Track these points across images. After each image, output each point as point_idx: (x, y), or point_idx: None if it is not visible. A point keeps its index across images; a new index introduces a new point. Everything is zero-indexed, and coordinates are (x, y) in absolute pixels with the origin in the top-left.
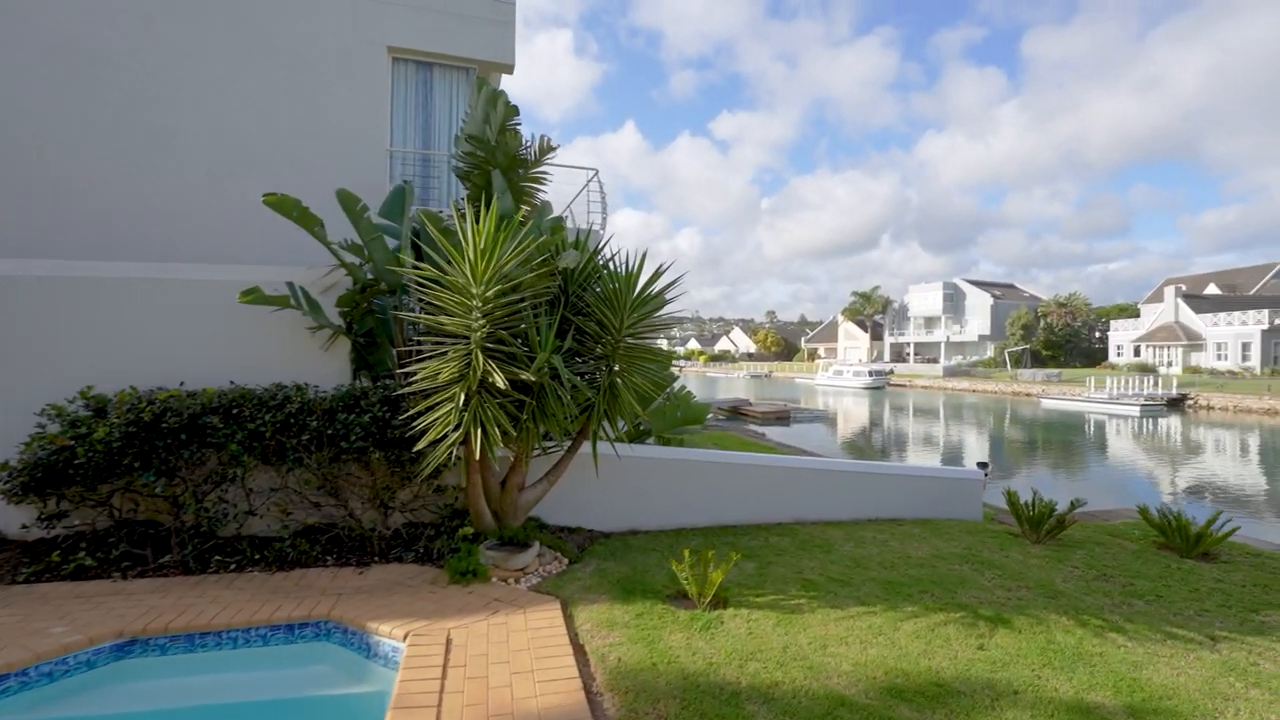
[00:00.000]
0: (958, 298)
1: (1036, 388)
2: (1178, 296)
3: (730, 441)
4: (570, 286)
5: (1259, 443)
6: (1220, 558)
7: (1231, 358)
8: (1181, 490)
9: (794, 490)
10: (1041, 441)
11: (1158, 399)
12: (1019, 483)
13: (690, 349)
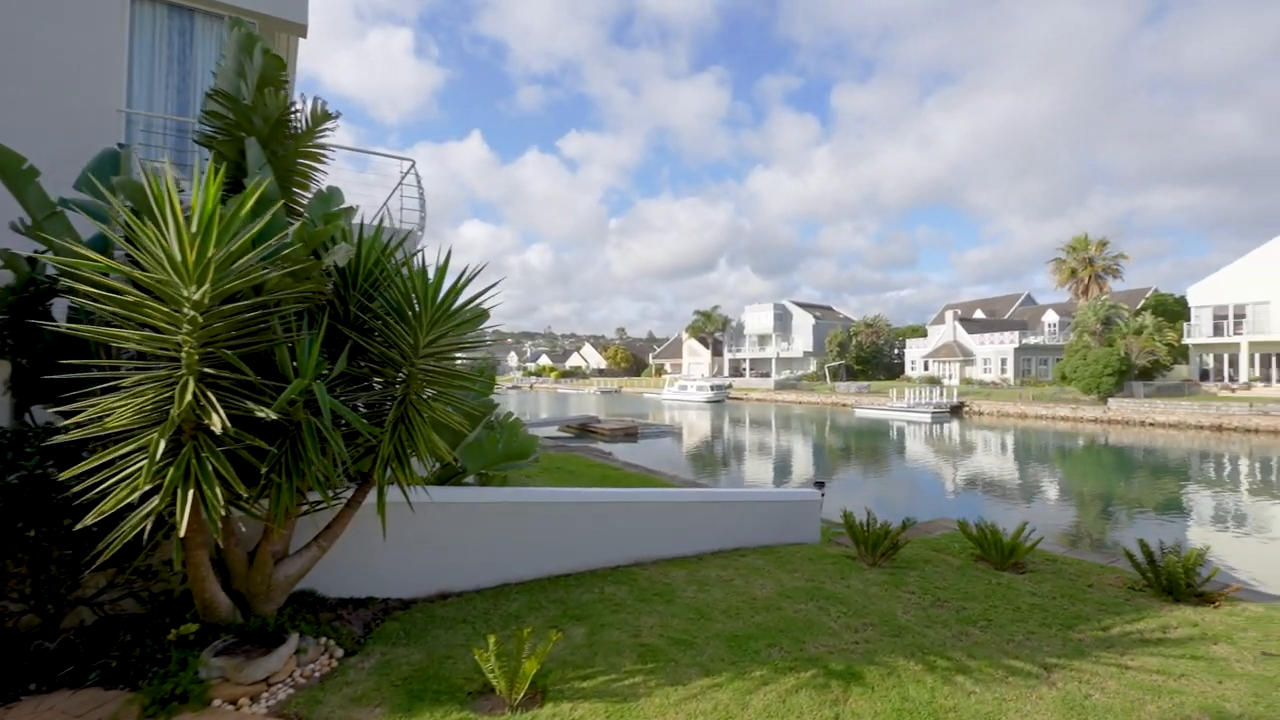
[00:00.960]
0: (786, 317)
1: (851, 398)
2: (955, 319)
3: (576, 464)
4: (350, 293)
5: (1014, 441)
6: (1028, 567)
7: (994, 371)
8: (971, 486)
9: (633, 527)
10: (861, 448)
11: (943, 406)
12: (847, 489)
13: (542, 365)
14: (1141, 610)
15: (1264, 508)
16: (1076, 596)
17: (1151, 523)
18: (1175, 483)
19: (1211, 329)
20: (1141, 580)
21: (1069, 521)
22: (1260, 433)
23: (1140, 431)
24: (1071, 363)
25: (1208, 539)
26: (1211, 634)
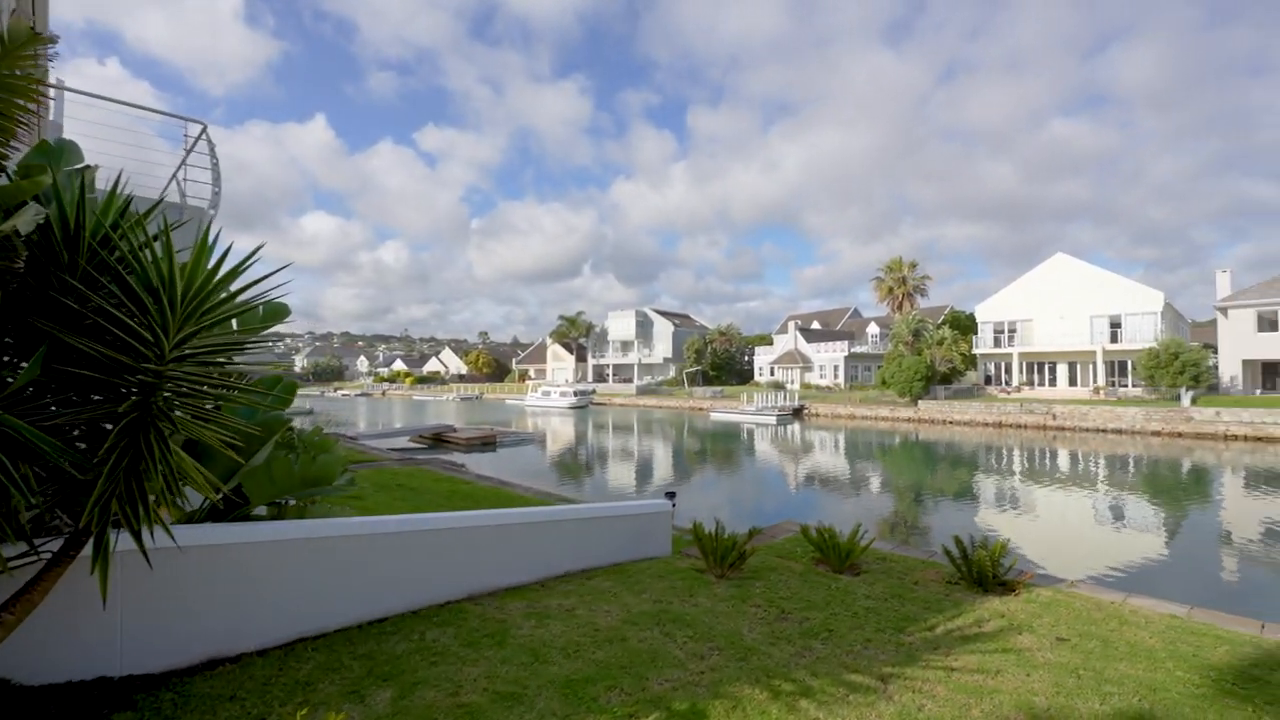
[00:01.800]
0: (647, 324)
1: (707, 403)
2: (796, 330)
3: (421, 480)
4: (55, 272)
5: (845, 440)
6: (863, 568)
7: (829, 376)
8: (812, 484)
9: (468, 554)
10: (716, 451)
11: (787, 410)
12: (702, 493)
13: (397, 370)
14: (959, 605)
15: (1036, 492)
16: (905, 595)
17: (956, 511)
18: (970, 474)
19: (993, 341)
20: (957, 574)
21: (895, 515)
22: (1027, 428)
23: (943, 429)
24: (889, 369)
25: (1000, 523)
26: (1016, 624)
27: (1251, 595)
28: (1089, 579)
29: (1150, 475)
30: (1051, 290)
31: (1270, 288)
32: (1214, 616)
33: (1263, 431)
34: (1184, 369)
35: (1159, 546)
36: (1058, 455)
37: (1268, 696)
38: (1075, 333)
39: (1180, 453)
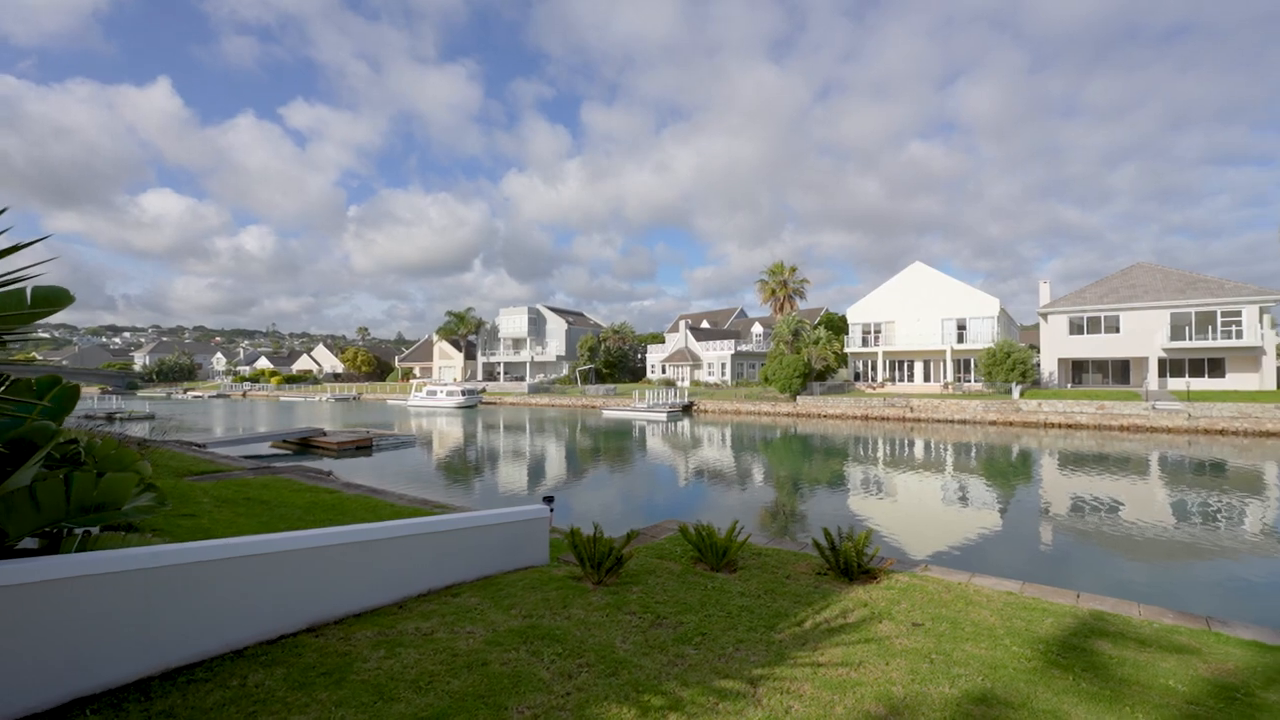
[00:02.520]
0: (540, 322)
1: (600, 401)
2: (686, 328)
3: (276, 491)
4: None
5: (731, 435)
6: (740, 565)
7: (717, 374)
8: (699, 479)
9: (311, 578)
10: (608, 449)
11: (677, 406)
12: (591, 493)
13: (261, 369)
14: (827, 597)
15: (896, 480)
16: (778, 590)
17: (829, 501)
18: (841, 464)
19: (861, 341)
20: (826, 566)
21: (775, 507)
22: (889, 420)
23: (818, 422)
24: (771, 367)
25: (866, 511)
26: (878, 611)
27: (1068, 565)
28: (940, 562)
29: (988, 460)
30: (910, 295)
31: (1078, 297)
32: (1041, 590)
33: (1072, 419)
34: (1014, 366)
35: (996, 525)
36: (914, 445)
37: (1084, 663)
38: (929, 334)
39: (1011, 439)
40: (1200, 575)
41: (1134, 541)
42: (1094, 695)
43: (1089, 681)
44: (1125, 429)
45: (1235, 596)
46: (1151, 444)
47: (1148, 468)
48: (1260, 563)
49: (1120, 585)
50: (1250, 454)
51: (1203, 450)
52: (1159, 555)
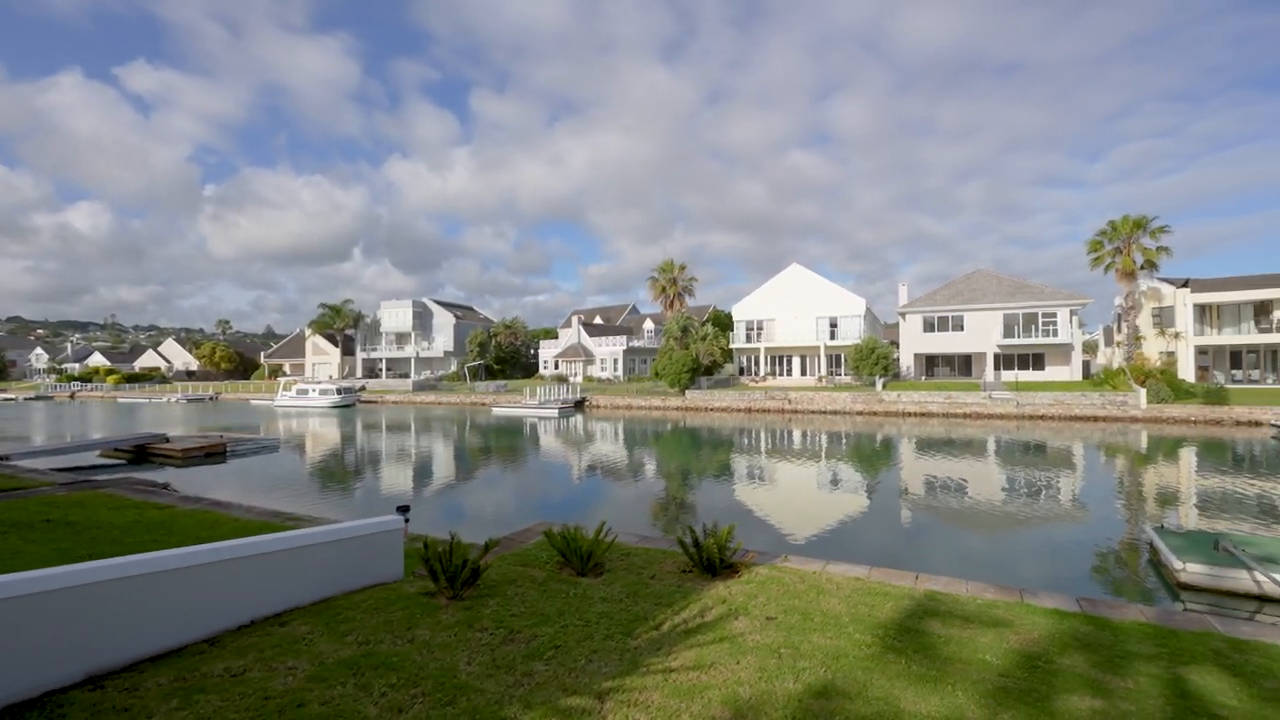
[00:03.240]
0: (426, 316)
1: (490, 398)
2: (579, 324)
3: (91, 510)
4: None
5: (622, 429)
6: (606, 567)
7: (609, 369)
8: (585, 475)
9: (94, 618)
10: (497, 447)
11: (569, 402)
12: (463, 495)
13: (95, 366)
14: (688, 596)
15: (770, 469)
16: (640, 593)
17: (705, 494)
18: (722, 456)
19: (745, 337)
20: (690, 563)
21: (653, 502)
22: (770, 412)
23: (706, 415)
24: (662, 362)
25: (740, 501)
26: (735, 608)
27: (914, 545)
28: (803, 550)
29: (852, 449)
30: (789, 295)
31: (930, 299)
32: (885, 574)
33: (925, 409)
34: (878, 361)
35: (855, 512)
36: (790, 435)
37: (916, 645)
38: (806, 330)
39: (875, 428)
40: (1021, 547)
41: (970, 520)
42: (922, 677)
43: (919, 664)
44: (968, 416)
45: (1048, 564)
46: (989, 429)
47: (984, 451)
48: (1069, 530)
49: (958, 561)
50: (1063, 435)
51: (1027, 433)
52: (989, 531)
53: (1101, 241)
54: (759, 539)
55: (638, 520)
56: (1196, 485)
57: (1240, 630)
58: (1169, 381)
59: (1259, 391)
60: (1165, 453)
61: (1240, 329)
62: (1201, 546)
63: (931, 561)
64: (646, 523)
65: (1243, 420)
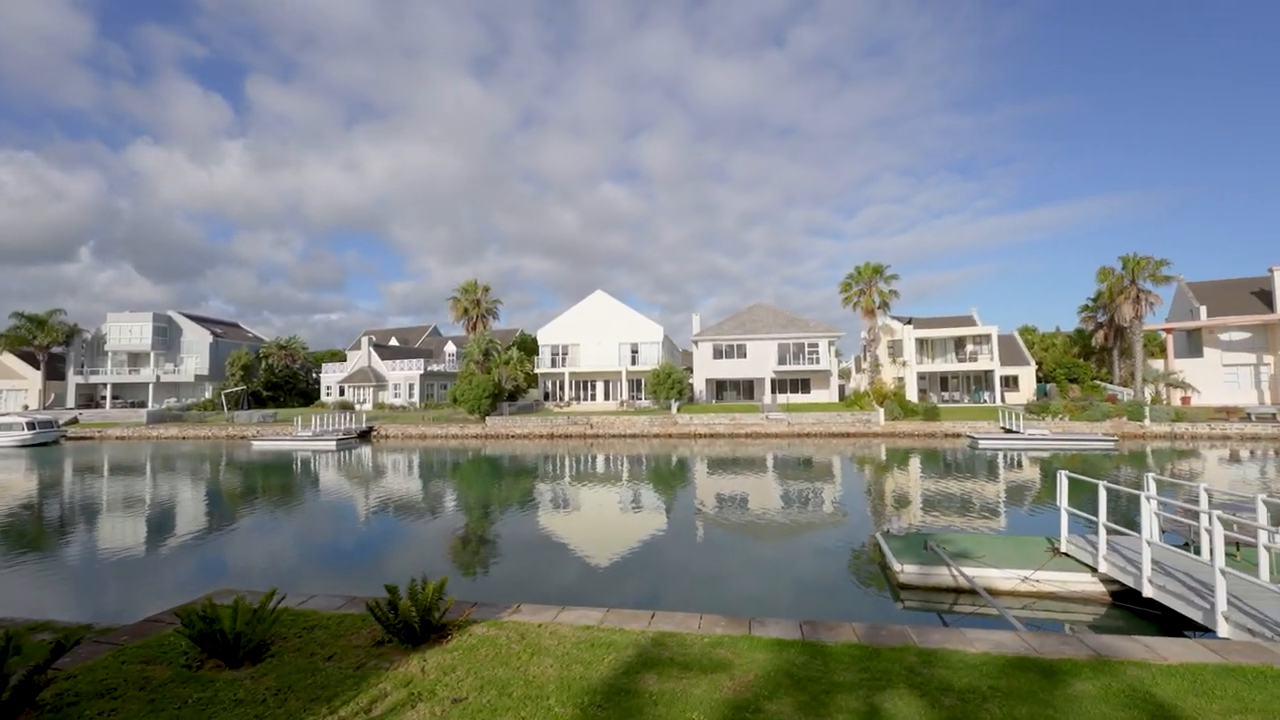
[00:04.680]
0: (173, 332)
1: (252, 429)
2: (370, 345)
3: None
4: None
5: (411, 461)
6: (274, 647)
7: (404, 395)
8: (342, 521)
9: None
10: (229, 491)
11: (352, 433)
12: (146, 556)
13: None
14: (365, 680)
15: (555, 500)
16: (298, 685)
17: (470, 531)
18: (510, 486)
19: (550, 362)
20: (386, 632)
21: (401, 547)
22: (572, 437)
23: (507, 443)
24: (461, 388)
25: (507, 539)
26: (418, 691)
27: (669, 573)
28: (547, 594)
29: (641, 473)
30: (593, 320)
31: (718, 329)
32: (620, 617)
33: (713, 430)
34: (674, 386)
35: (619, 542)
36: (589, 460)
37: (623, 712)
38: (609, 356)
39: (670, 449)
40: (773, 563)
41: (728, 542)
42: None
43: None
44: (749, 435)
45: (796, 576)
46: (766, 447)
47: (758, 468)
48: (816, 541)
49: (708, 587)
50: (824, 450)
51: (796, 450)
52: (745, 552)
53: (850, 284)
54: (502, 585)
55: (364, 575)
56: (919, 489)
57: (930, 639)
58: (900, 402)
59: (960, 409)
60: (898, 462)
61: (947, 359)
62: (915, 547)
63: (680, 592)
64: (373, 577)
65: (949, 433)
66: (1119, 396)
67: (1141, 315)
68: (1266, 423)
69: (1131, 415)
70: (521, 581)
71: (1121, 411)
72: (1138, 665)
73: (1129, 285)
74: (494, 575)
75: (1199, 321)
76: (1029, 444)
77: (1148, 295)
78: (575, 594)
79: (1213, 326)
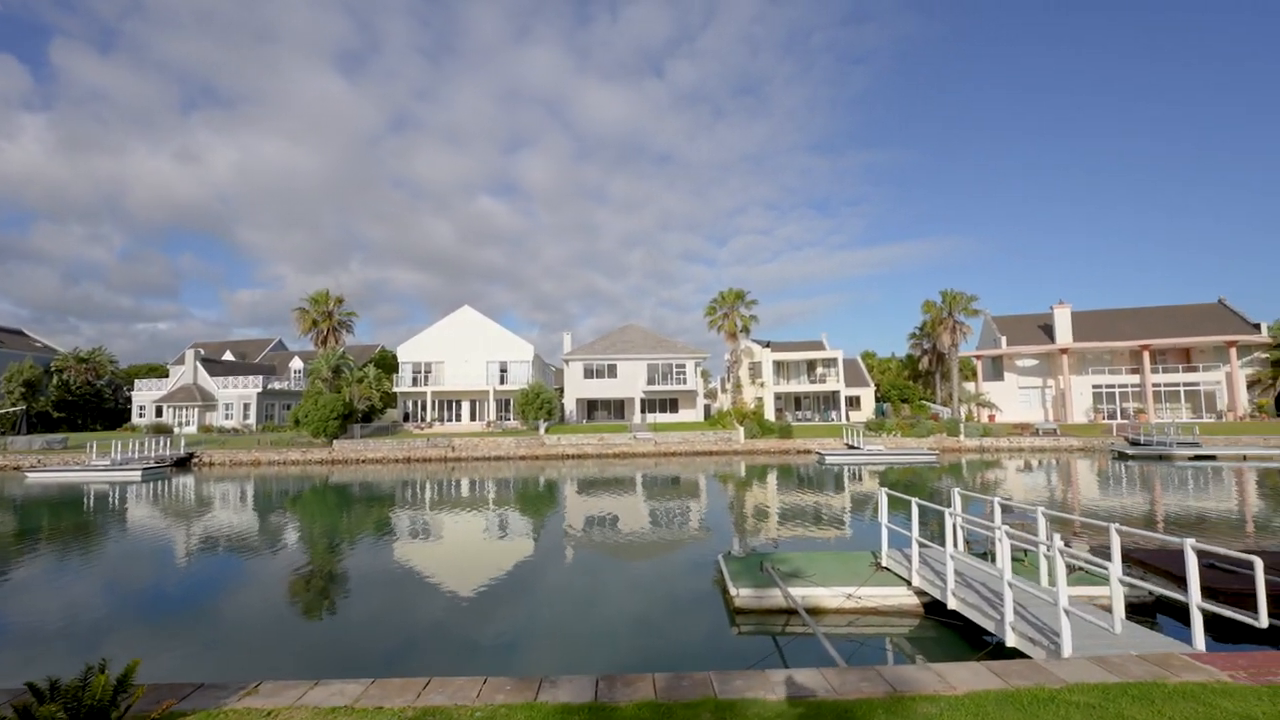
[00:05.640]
0: None
1: (30, 458)
2: (197, 360)
3: None
4: None
5: (238, 493)
6: None
7: (237, 416)
8: (119, 580)
9: None
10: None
11: (165, 460)
12: None
13: None
14: None
15: (396, 532)
16: None
17: (258, 584)
18: (349, 519)
19: (412, 380)
20: None
21: (188, 598)
22: (432, 461)
23: (357, 469)
24: (305, 408)
25: (309, 593)
26: None
27: (478, 621)
28: (309, 662)
29: (493, 499)
30: (460, 337)
31: (590, 349)
32: (384, 690)
33: (581, 450)
34: (542, 406)
35: (447, 579)
36: (445, 486)
37: None
38: (475, 374)
39: (536, 471)
40: (613, 595)
41: (572, 573)
42: None
43: None
44: (617, 455)
45: (630, 609)
46: (634, 466)
47: (620, 490)
48: (662, 565)
49: (533, 629)
50: (689, 468)
51: (663, 469)
52: (587, 583)
53: (715, 308)
54: (271, 652)
55: (78, 648)
56: (768, 506)
57: (732, 686)
58: (758, 421)
59: (812, 427)
60: (755, 478)
61: (801, 380)
62: (753, 568)
63: (501, 639)
64: (86, 649)
65: (801, 450)
66: (940, 415)
67: (957, 343)
68: (1049, 436)
69: (950, 431)
70: (307, 646)
71: (942, 428)
72: (929, 700)
73: (947, 317)
74: (264, 638)
75: (1000, 350)
76: (868, 459)
77: (961, 326)
78: (365, 655)
79: (1010, 354)
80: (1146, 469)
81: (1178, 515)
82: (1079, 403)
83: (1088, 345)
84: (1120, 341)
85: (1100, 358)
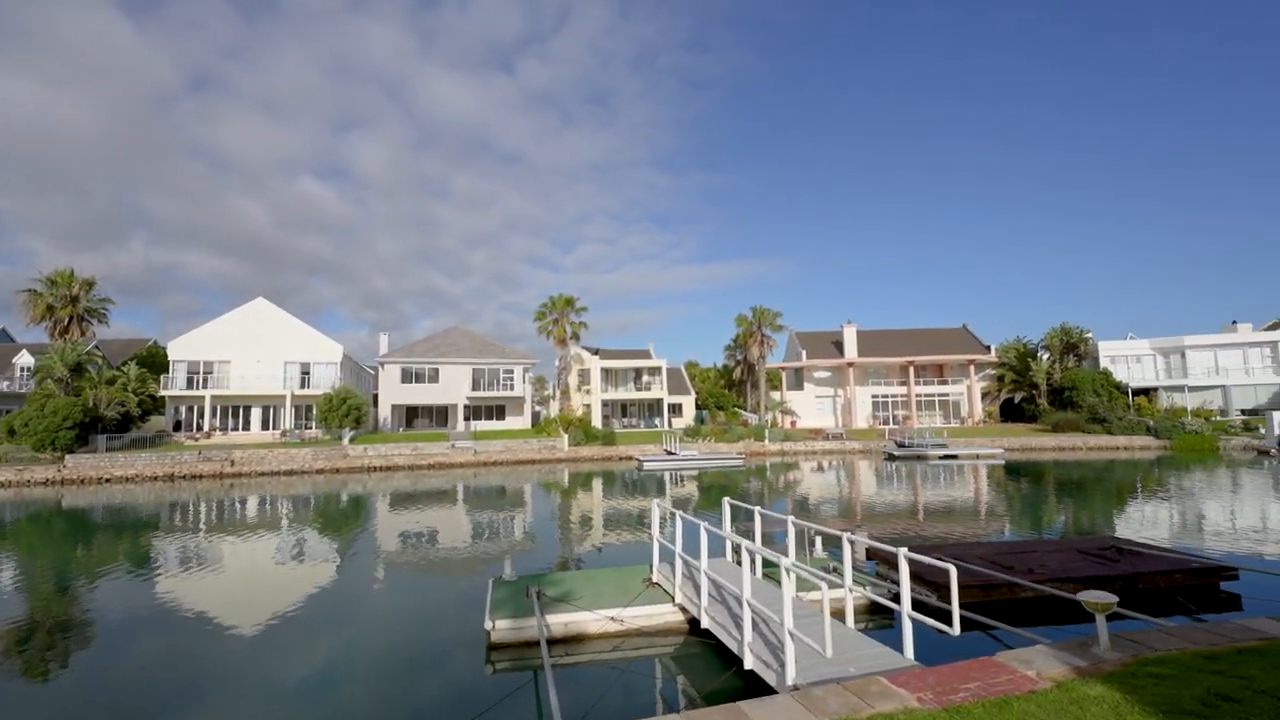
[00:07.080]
0: None
1: None
2: None
3: None
4: None
5: None
6: None
7: None
8: None
9: None
10: None
11: None
12: None
13: None
14: None
15: (130, 575)
16: None
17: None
18: (131, 541)
19: (186, 382)
20: None
21: None
22: (204, 478)
23: (100, 489)
24: (28, 413)
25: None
26: None
27: (290, 678)
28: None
29: (279, 519)
30: (252, 333)
31: (409, 351)
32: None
33: (391, 462)
34: (349, 413)
35: (166, 635)
36: (216, 510)
37: None
38: (271, 377)
39: (336, 487)
40: (368, 636)
41: (327, 616)
42: None
43: None
44: (433, 466)
45: (379, 660)
46: (451, 478)
47: (429, 501)
48: (440, 595)
49: (259, 692)
50: (510, 478)
51: (483, 480)
52: (340, 626)
53: (544, 313)
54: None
55: None
56: (572, 518)
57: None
58: (584, 428)
59: (636, 434)
60: (577, 487)
61: (628, 388)
62: (519, 595)
63: (210, 708)
64: None
65: (623, 456)
66: (749, 421)
67: (765, 355)
68: (837, 440)
69: (756, 436)
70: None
71: (750, 434)
72: None
73: (756, 330)
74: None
75: (801, 362)
76: (684, 464)
77: (768, 339)
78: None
79: (809, 366)
80: (908, 467)
81: (930, 505)
82: (861, 410)
83: (869, 360)
84: (892, 358)
85: (878, 371)
